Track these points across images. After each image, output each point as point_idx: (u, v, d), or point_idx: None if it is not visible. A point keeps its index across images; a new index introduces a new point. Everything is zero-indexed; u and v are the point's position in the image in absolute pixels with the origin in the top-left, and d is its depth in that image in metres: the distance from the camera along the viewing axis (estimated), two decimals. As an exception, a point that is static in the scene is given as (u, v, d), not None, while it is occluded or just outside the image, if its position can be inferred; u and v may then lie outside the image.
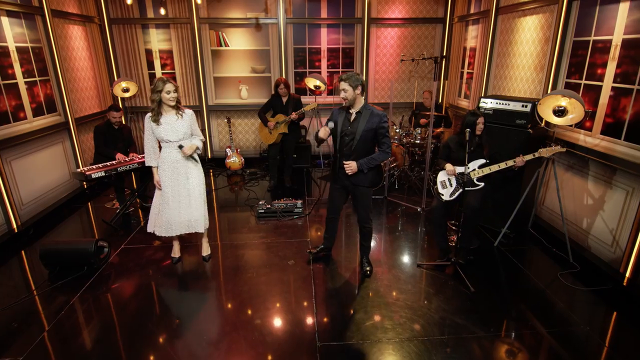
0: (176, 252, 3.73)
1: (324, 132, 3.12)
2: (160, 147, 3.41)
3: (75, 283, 3.35)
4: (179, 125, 3.26)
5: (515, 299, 3.14)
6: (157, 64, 6.40)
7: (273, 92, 5.45)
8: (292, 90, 6.66)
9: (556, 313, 2.98)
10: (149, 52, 6.33)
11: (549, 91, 4.08)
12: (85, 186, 5.36)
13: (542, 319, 2.89)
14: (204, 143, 6.80)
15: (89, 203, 5.21)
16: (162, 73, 6.46)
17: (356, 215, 3.41)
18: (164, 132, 3.24)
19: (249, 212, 4.80)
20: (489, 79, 5.35)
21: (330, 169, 3.41)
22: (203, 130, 6.69)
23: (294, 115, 5.30)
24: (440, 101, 6.62)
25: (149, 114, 3.26)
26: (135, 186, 5.78)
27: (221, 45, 6.39)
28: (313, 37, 6.50)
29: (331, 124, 3.12)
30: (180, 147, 3.27)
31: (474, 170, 3.53)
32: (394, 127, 5.68)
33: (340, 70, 6.71)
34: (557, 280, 3.37)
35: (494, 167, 3.47)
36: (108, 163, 4.39)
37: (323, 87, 6.17)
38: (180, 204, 3.40)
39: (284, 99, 5.39)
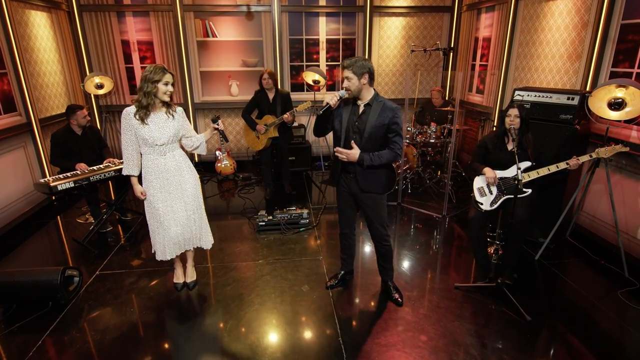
0: (179, 276, 3.09)
1: (330, 97, 2.51)
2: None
3: (37, 324, 2.67)
4: (169, 127, 2.63)
5: (581, 331, 2.63)
6: (135, 56, 5.67)
7: (258, 87, 4.65)
8: (288, 86, 6.06)
9: None
10: (125, 44, 5.60)
11: (589, 82, 3.61)
12: (54, 198, 4.62)
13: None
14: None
15: (58, 217, 4.48)
16: (141, 67, 5.74)
17: (369, 231, 2.84)
18: (150, 134, 2.59)
19: (246, 225, 4.17)
20: (508, 71, 4.87)
21: (331, 173, 2.82)
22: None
23: (287, 117, 4.53)
24: (450, 97, 6.10)
25: (131, 109, 2.60)
26: (113, 197, 5.06)
27: (208, 36, 5.72)
28: (310, 27, 5.90)
29: (343, 92, 2.52)
30: (214, 120, 2.83)
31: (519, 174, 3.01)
32: (407, 126, 5.14)
33: (341, 63, 6.12)
34: (619, 301, 2.89)
35: (543, 171, 2.96)
36: (79, 171, 3.69)
37: (323, 81, 5.58)
38: (177, 221, 2.77)
39: (271, 96, 4.62)
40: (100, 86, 5.17)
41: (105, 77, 5.19)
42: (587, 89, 3.60)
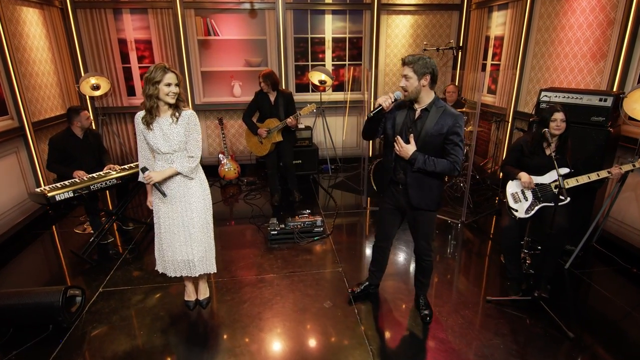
0: (191, 293, 2.85)
1: (384, 99, 2.26)
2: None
3: (37, 351, 2.42)
4: (173, 132, 2.39)
5: (629, 349, 2.47)
6: (132, 56, 5.40)
7: (259, 89, 4.37)
8: (293, 86, 5.84)
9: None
10: (122, 42, 5.32)
11: (616, 82, 3.46)
12: (48, 208, 4.33)
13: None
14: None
15: (54, 227, 4.21)
16: (139, 67, 5.47)
17: (413, 244, 2.64)
18: (154, 140, 2.38)
19: (256, 233, 3.95)
20: (524, 71, 4.72)
21: (378, 183, 2.60)
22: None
23: (291, 121, 4.27)
24: (463, 97, 5.92)
25: (141, 113, 2.39)
26: (110, 205, 4.80)
27: (209, 35, 5.47)
28: (316, 26, 5.69)
29: (398, 93, 2.27)
30: (143, 170, 2.46)
31: (557, 181, 2.84)
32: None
33: (347, 62, 5.92)
34: (660, 314, 2.74)
35: (583, 179, 2.79)
36: (77, 179, 3.43)
37: (329, 81, 5.39)
38: (176, 240, 2.54)
39: (272, 97, 4.33)
40: (96, 87, 4.89)
41: (101, 77, 4.91)
42: (615, 89, 3.46)
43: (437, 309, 2.76)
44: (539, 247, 3.44)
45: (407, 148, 2.28)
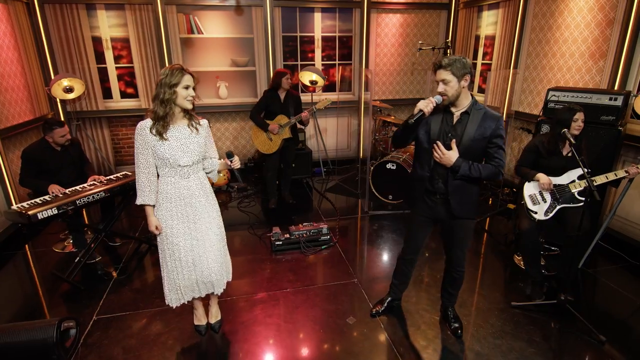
0: (201, 317, 2.59)
1: (425, 104, 2.08)
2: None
3: (29, 397, 2.09)
4: (194, 143, 2.15)
5: (653, 346, 2.46)
6: (108, 55, 4.98)
7: (269, 87, 4.41)
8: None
9: None
10: (97, 41, 4.89)
11: (617, 81, 3.51)
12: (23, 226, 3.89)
13: None
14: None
15: (27, 246, 3.77)
16: (116, 68, 5.06)
17: (445, 253, 2.51)
18: (171, 152, 2.10)
19: (258, 244, 3.70)
20: (518, 70, 4.74)
21: (409, 192, 2.44)
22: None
23: (305, 115, 4.28)
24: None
25: (146, 123, 2.09)
26: (86, 220, 4.39)
27: (193, 33, 5.14)
28: (305, 24, 5.49)
29: (439, 97, 2.10)
30: (230, 155, 2.25)
31: (574, 182, 2.82)
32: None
33: (337, 62, 5.76)
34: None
35: (600, 179, 2.77)
36: (60, 193, 3.06)
37: (321, 82, 5.20)
38: (198, 258, 2.28)
39: (282, 96, 4.36)
40: (69, 90, 4.45)
41: (75, 79, 4.48)
42: (616, 88, 3.50)
43: (465, 319, 2.65)
44: (552, 248, 3.43)
45: (450, 155, 2.12)
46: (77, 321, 2.47)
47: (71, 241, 3.65)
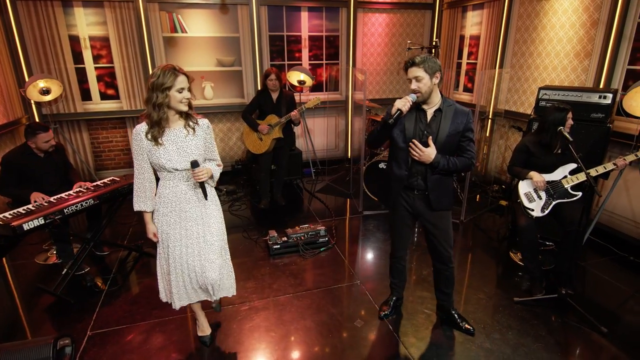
0: (204, 327, 2.49)
1: (403, 103, 2.11)
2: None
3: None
4: (191, 145, 2.05)
5: (650, 334, 2.55)
6: (87, 55, 4.74)
7: (260, 88, 4.39)
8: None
9: None
10: (74, 39, 4.65)
11: (602, 80, 3.63)
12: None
13: None
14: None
15: (4, 260, 3.54)
16: (95, 68, 4.83)
17: (430, 253, 2.53)
18: (167, 156, 2.00)
19: (255, 248, 3.62)
20: (503, 70, 4.85)
21: (384, 191, 2.45)
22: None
23: (295, 114, 4.24)
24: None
25: (142, 128, 1.99)
26: (64, 227, 4.16)
27: (176, 31, 4.97)
28: (292, 23, 5.41)
29: (414, 96, 2.13)
30: (194, 164, 2.02)
31: (566, 177, 2.89)
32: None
33: (324, 62, 5.72)
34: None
35: (592, 173, 2.85)
36: (45, 202, 2.88)
37: (309, 81, 5.14)
38: (195, 263, 2.19)
39: (275, 96, 4.33)
40: (46, 91, 4.21)
41: (52, 80, 4.24)
42: (601, 86, 3.63)
43: (472, 316, 2.67)
44: (547, 243, 3.52)
45: (429, 152, 2.16)
46: (72, 338, 2.32)
47: (55, 252, 3.45)
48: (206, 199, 2.14)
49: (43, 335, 2.59)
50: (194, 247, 2.16)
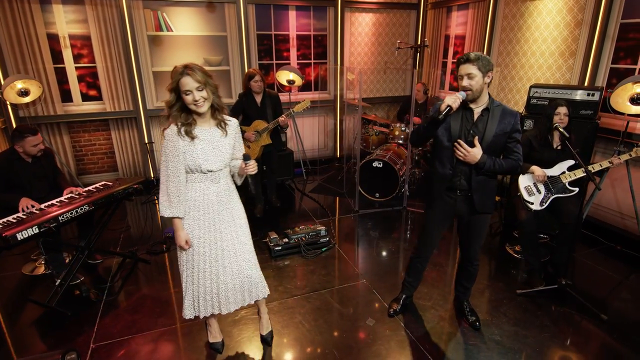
0: (216, 333, 2.42)
1: (452, 100, 2.05)
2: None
3: None
4: (225, 144, 2.02)
5: (645, 319, 2.69)
6: (67, 54, 4.52)
7: (243, 90, 4.08)
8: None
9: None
10: (53, 38, 4.43)
11: (586, 78, 3.80)
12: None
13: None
14: (145, 162, 5.15)
15: (-12, 271, 3.33)
16: (76, 68, 4.61)
17: (460, 250, 2.57)
18: (204, 156, 1.95)
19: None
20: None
21: (427, 190, 2.46)
22: (144, 144, 5.04)
23: (284, 119, 4.01)
24: (432, 95, 6.07)
25: (173, 129, 1.93)
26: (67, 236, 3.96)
27: (162, 30, 4.82)
28: (280, 22, 5.36)
29: (463, 93, 2.09)
30: (246, 157, 2.03)
31: (564, 173, 3.00)
32: (399, 125, 4.95)
33: (312, 61, 5.70)
34: (657, 286, 3.05)
35: (589, 169, 2.97)
36: (36, 210, 2.72)
37: (299, 81, 5.12)
38: (233, 265, 2.14)
39: (259, 99, 4.04)
40: (24, 93, 3.99)
41: (30, 80, 4.02)
42: (586, 84, 3.79)
43: (478, 309, 2.73)
44: (542, 236, 3.64)
45: (474, 152, 2.15)
46: (77, 353, 2.21)
47: (44, 262, 3.27)
48: (253, 192, 2.31)
49: (39, 352, 2.46)
50: (229, 249, 2.11)
